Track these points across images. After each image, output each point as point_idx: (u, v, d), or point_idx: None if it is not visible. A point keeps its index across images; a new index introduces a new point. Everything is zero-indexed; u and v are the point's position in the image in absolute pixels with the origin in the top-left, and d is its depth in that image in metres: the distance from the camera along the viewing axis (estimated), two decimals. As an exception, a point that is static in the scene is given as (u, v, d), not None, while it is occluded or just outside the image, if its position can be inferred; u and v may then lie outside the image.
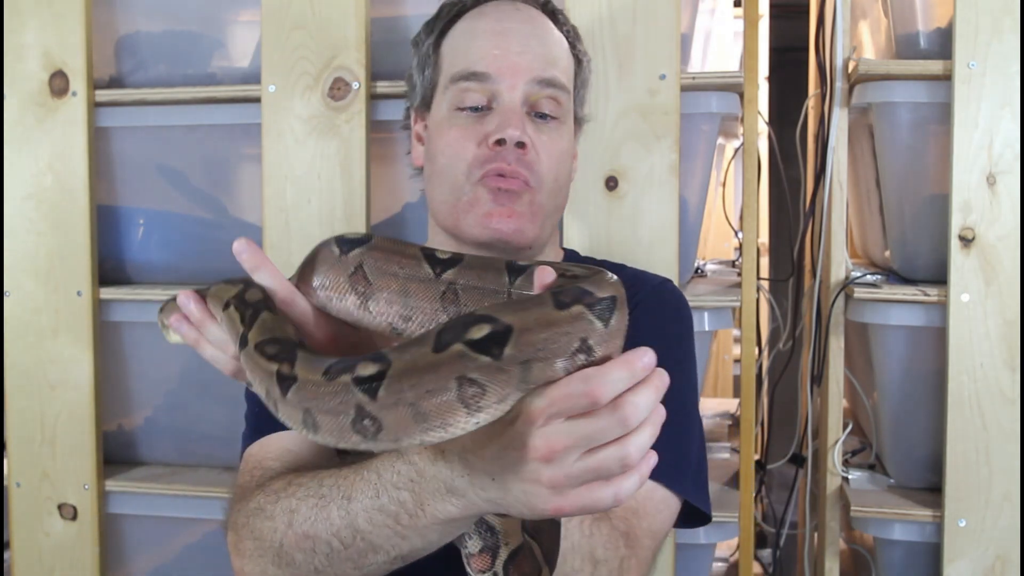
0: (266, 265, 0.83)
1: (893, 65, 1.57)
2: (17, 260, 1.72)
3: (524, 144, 1.07)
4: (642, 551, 0.96)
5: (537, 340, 0.65)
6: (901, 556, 1.67)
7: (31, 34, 1.68)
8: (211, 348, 0.85)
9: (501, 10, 1.13)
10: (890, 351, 1.65)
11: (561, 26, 1.16)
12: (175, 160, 1.77)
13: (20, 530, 1.75)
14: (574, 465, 0.67)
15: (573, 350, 0.66)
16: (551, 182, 1.10)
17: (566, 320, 0.66)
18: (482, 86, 1.09)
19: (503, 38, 1.10)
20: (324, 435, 0.68)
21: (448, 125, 1.11)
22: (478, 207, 1.08)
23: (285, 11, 1.59)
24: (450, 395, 0.64)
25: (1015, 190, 1.50)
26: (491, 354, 0.64)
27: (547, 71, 1.10)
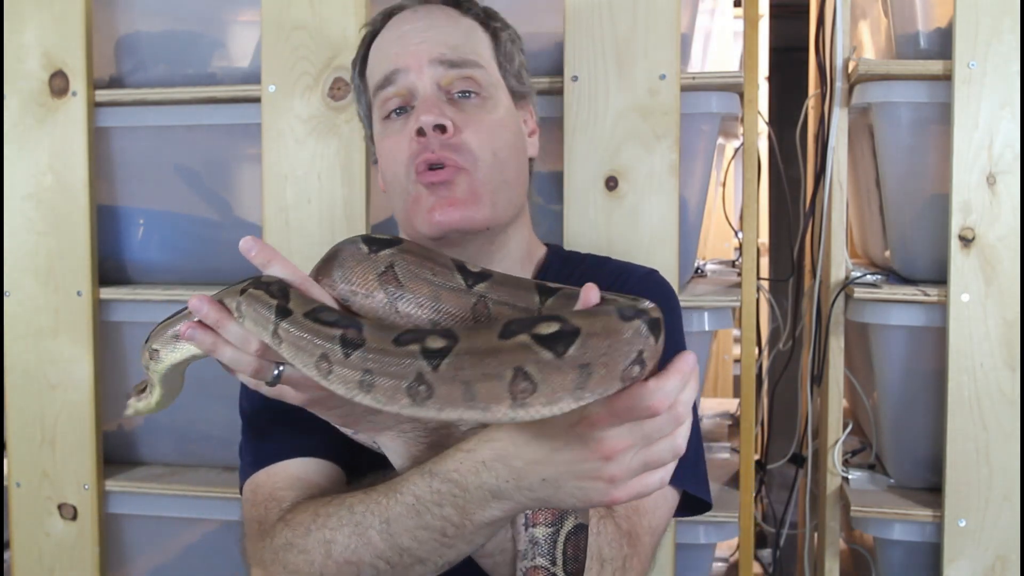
0: (277, 258, 0.83)
1: (893, 65, 1.57)
2: (17, 260, 1.72)
3: (444, 127, 1.06)
4: (643, 548, 0.97)
5: (601, 346, 0.69)
6: (901, 556, 1.67)
7: (31, 34, 1.68)
8: (230, 350, 0.83)
9: (401, 19, 1.14)
10: (890, 351, 1.65)
11: (467, 11, 1.16)
12: (175, 160, 1.77)
13: (20, 530, 1.75)
14: (633, 460, 0.74)
15: (630, 361, 0.70)
16: (488, 157, 1.08)
17: (629, 332, 0.70)
18: (395, 85, 1.09)
19: (401, 39, 1.11)
20: (376, 395, 0.72)
21: (383, 136, 1.12)
22: (421, 204, 1.08)
23: (285, 11, 1.59)
24: (502, 384, 0.68)
25: (1015, 190, 1.50)
26: (555, 351, 0.67)
27: (449, 53, 1.10)
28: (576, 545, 0.86)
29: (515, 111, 1.16)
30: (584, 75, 1.52)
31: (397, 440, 0.90)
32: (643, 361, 0.72)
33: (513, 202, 1.13)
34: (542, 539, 0.86)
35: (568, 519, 0.86)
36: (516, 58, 1.18)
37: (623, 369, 0.70)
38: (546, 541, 0.86)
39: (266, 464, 1.05)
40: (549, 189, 1.62)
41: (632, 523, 0.97)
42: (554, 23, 1.56)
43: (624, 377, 0.71)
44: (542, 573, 0.86)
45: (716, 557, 2.03)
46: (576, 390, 0.69)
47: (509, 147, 1.12)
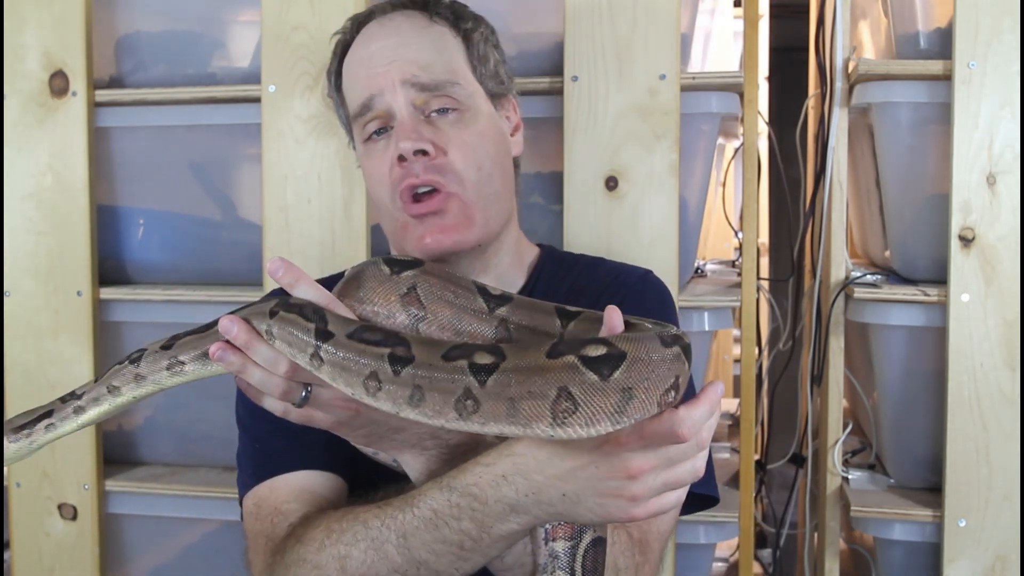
0: (304, 278, 0.84)
1: (893, 65, 1.57)
2: (17, 260, 1.71)
3: (425, 151, 1.05)
4: (653, 555, 0.98)
5: (644, 371, 0.71)
6: (901, 556, 1.67)
7: (31, 34, 1.68)
8: (259, 371, 0.83)
9: (369, 35, 1.11)
10: (890, 351, 1.65)
11: (435, 15, 1.13)
12: (175, 160, 1.77)
13: (20, 530, 1.75)
14: (655, 480, 0.76)
15: (668, 386, 0.73)
16: (474, 173, 1.07)
17: (670, 358, 0.73)
18: (372, 112, 1.08)
19: (370, 60, 1.09)
20: (424, 409, 0.74)
21: (366, 158, 1.11)
22: (410, 231, 1.07)
23: (285, 11, 1.59)
24: (545, 403, 0.70)
25: (1015, 190, 1.50)
26: (600, 374, 0.70)
27: (420, 75, 1.07)
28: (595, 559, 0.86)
29: (495, 114, 1.14)
30: (584, 75, 1.52)
31: (419, 458, 0.90)
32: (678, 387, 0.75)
33: (503, 211, 1.12)
34: (562, 553, 0.86)
35: (587, 533, 0.87)
36: (491, 57, 1.15)
37: (661, 394, 0.72)
38: (565, 555, 0.86)
39: (268, 476, 1.04)
40: (549, 189, 1.62)
41: (643, 531, 0.97)
42: (554, 23, 1.56)
43: (661, 402, 0.73)
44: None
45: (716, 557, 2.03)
46: (615, 413, 0.71)
47: (493, 157, 1.10)
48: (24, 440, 0.93)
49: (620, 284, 1.15)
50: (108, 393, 0.96)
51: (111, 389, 0.95)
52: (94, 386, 0.97)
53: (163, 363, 0.93)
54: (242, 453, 1.10)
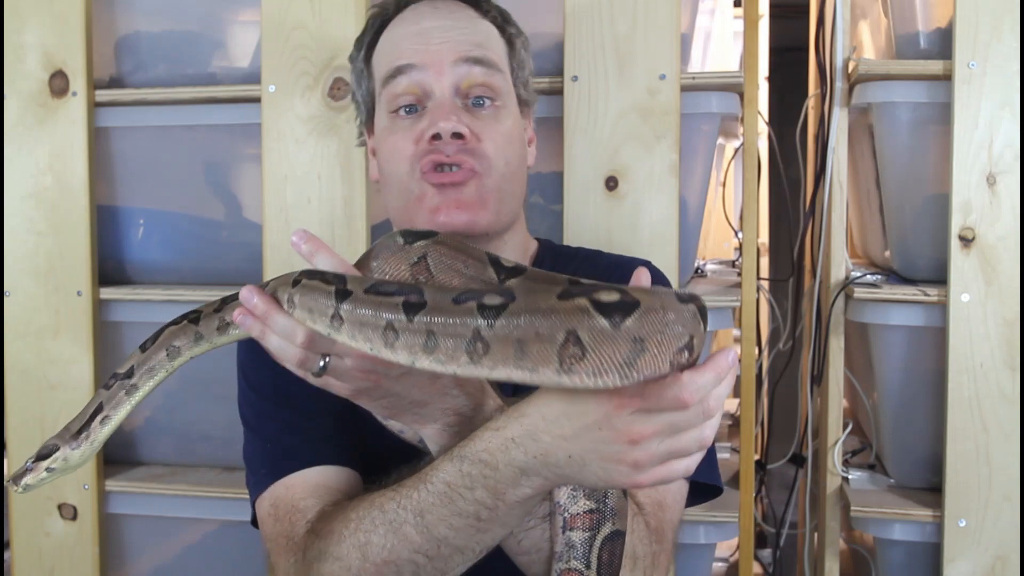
0: (323, 248, 0.84)
1: (893, 65, 1.57)
2: (17, 260, 1.71)
3: (462, 135, 1.05)
4: (667, 544, 0.98)
5: (658, 322, 0.68)
6: (901, 556, 1.67)
7: (31, 34, 1.68)
8: (276, 339, 0.84)
9: (419, 12, 1.11)
10: (890, 351, 1.65)
11: (486, 13, 1.14)
12: (175, 160, 1.77)
13: (20, 530, 1.75)
14: (659, 447, 0.74)
15: (682, 345, 0.70)
16: (502, 166, 1.08)
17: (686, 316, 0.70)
18: (409, 79, 1.07)
19: (423, 35, 1.09)
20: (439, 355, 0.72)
21: (389, 132, 1.10)
22: (425, 202, 1.06)
23: (285, 11, 1.59)
24: (553, 347, 0.67)
25: (1015, 190, 1.50)
26: (612, 320, 0.67)
27: (473, 50, 1.08)
28: (611, 551, 0.86)
29: (520, 120, 1.15)
30: (584, 75, 1.52)
31: (443, 435, 0.89)
32: (692, 347, 0.72)
33: (514, 211, 1.13)
34: (578, 543, 0.86)
35: (605, 524, 0.86)
36: (527, 66, 1.18)
37: (675, 352, 0.70)
38: (582, 545, 0.86)
39: (282, 475, 1.03)
40: (549, 189, 1.62)
41: (659, 519, 0.97)
42: (554, 23, 1.56)
43: (674, 361, 0.70)
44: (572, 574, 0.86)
45: (716, 557, 2.03)
46: (624, 366, 0.68)
47: (518, 158, 1.12)
48: (86, 444, 0.93)
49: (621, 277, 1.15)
50: (167, 358, 0.98)
51: (170, 352, 0.98)
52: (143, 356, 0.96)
53: (214, 324, 0.95)
54: (252, 454, 1.10)
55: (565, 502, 0.86)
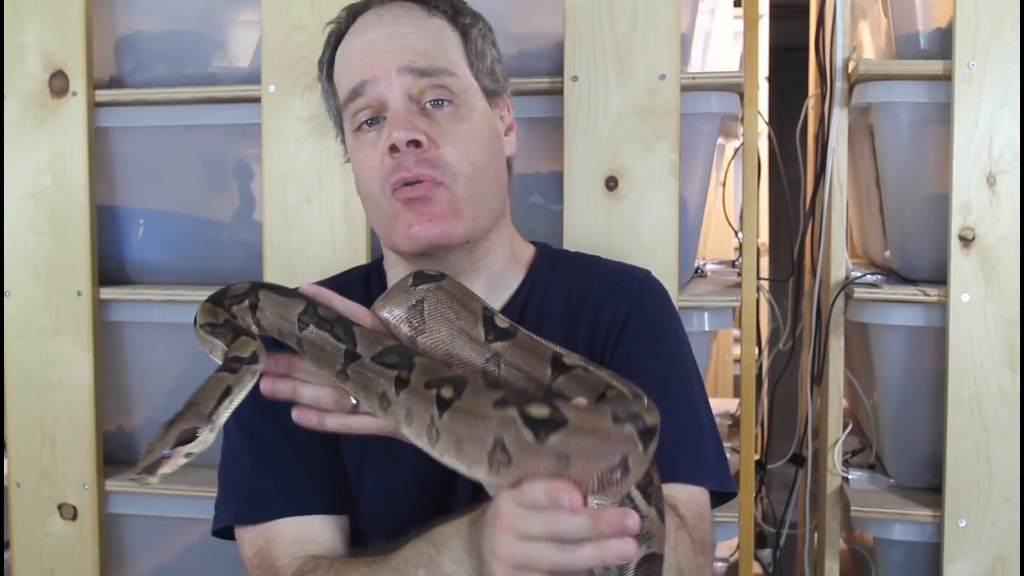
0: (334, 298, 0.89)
1: (893, 65, 1.57)
2: (17, 260, 1.71)
3: (418, 142, 1.03)
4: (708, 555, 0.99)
5: (586, 443, 0.71)
6: (901, 556, 1.67)
7: (31, 34, 1.68)
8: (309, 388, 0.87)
9: (366, 23, 1.10)
10: (890, 351, 1.65)
11: (433, 8, 1.11)
12: (175, 160, 1.77)
13: (20, 530, 1.75)
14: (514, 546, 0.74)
15: (613, 465, 0.72)
16: (466, 168, 1.06)
17: (617, 436, 0.72)
18: (364, 98, 1.06)
19: (367, 47, 1.07)
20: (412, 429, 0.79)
21: (356, 149, 1.09)
22: (399, 220, 1.05)
23: (285, 11, 1.59)
24: (484, 449, 0.73)
25: (1015, 190, 1.50)
26: (536, 434, 0.71)
27: (418, 61, 1.05)
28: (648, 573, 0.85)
29: (490, 112, 1.12)
30: (584, 75, 1.52)
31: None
32: (627, 467, 0.73)
33: (493, 210, 1.10)
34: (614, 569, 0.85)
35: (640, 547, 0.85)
36: (488, 54, 1.14)
37: (604, 471, 0.72)
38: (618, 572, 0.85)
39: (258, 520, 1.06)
40: (549, 189, 1.62)
41: (701, 531, 0.98)
42: (554, 23, 1.56)
43: (604, 481, 0.72)
44: None
45: (716, 557, 2.03)
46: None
47: (486, 154, 1.09)
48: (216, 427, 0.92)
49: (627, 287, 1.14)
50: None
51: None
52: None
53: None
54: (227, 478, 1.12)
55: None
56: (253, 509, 1.06)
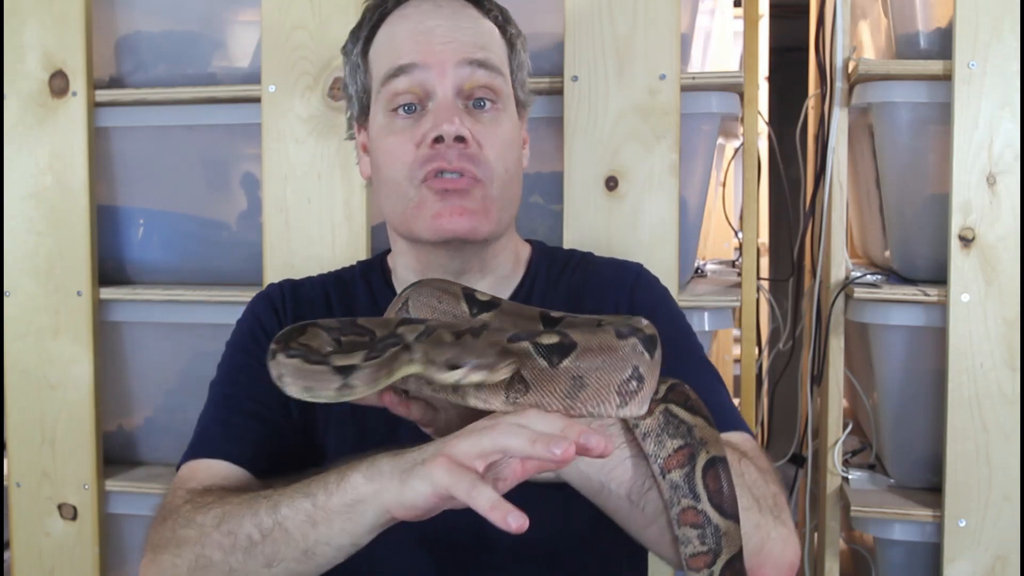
0: None
1: (893, 65, 1.57)
2: (17, 260, 1.71)
3: (464, 138, 1.03)
4: (781, 487, 0.96)
5: (596, 361, 0.78)
6: (901, 556, 1.67)
7: (31, 34, 1.68)
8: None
9: (422, 10, 1.08)
10: (890, 351, 1.65)
11: (488, 12, 1.12)
12: (175, 160, 1.77)
13: (20, 530, 1.75)
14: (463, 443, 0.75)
15: (627, 376, 0.79)
16: (501, 172, 1.07)
17: (624, 348, 0.79)
18: (410, 79, 1.05)
19: (426, 34, 1.06)
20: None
21: (386, 132, 1.08)
22: (425, 208, 1.05)
23: (285, 11, 1.59)
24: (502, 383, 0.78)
25: (1015, 190, 1.50)
26: (550, 360, 0.77)
27: (476, 53, 1.06)
28: (716, 477, 0.85)
29: (518, 123, 1.14)
30: (584, 75, 1.52)
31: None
32: (640, 376, 0.79)
33: (511, 216, 1.12)
34: (681, 481, 0.85)
35: (700, 454, 0.85)
36: (525, 67, 1.16)
37: (620, 384, 0.78)
38: (685, 482, 0.85)
39: (199, 456, 1.06)
40: (549, 189, 1.62)
41: (765, 462, 0.96)
42: (554, 23, 1.56)
43: (621, 391, 0.78)
44: (691, 514, 0.85)
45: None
46: (566, 399, 0.78)
47: (516, 161, 1.11)
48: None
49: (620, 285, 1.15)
50: None
51: None
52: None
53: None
54: (204, 413, 1.12)
55: (654, 450, 0.86)
56: (194, 449, 1.08)
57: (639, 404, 0.82)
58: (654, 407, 0.87)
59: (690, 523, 0.85)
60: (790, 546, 0.90)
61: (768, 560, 0.89)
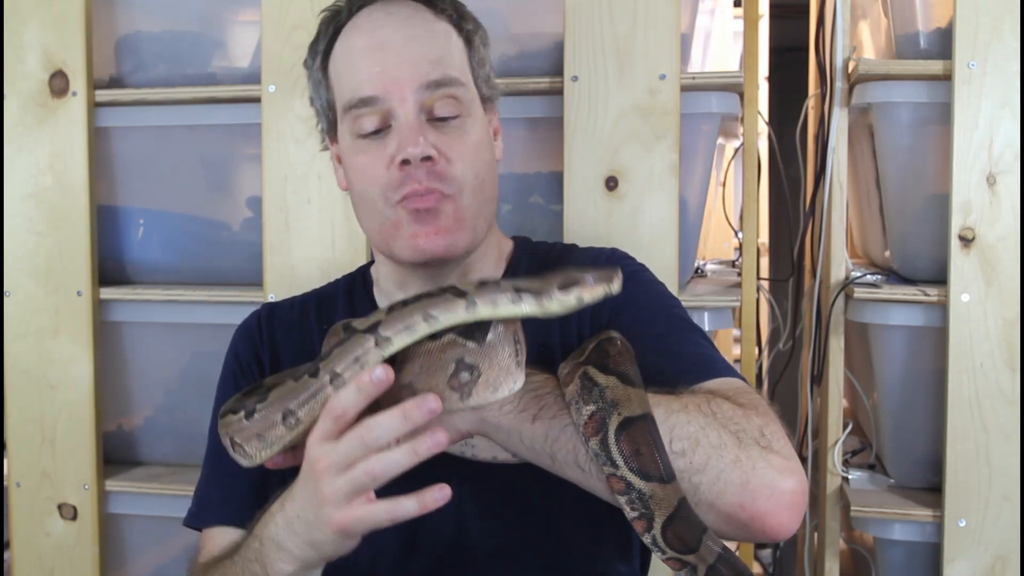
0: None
1: (893, 65, 1.57)
2: (17, 260, 1.71)
3: (430, 157, 1.03)
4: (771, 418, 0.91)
5: (415, 367, 0.82)
6: (901, 556, 1.67)
7: (31, 34, 1.68)
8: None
9: (373, 20, 1.07)
10: (890, 351, 1.65)
11: (441, 12, 1.10)
12: (175, 160, 1.77)
13: (20, 530, 1.75)
14: (338, 480, 0.81)
15: (451, 372, 0.82)
16: (471, 181, 1.06)
17: (435, 349, 0.83)
18: (373, 109, 1.04)
19: (380, 53, 1.04)
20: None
21: (354, 152, 1.07)
22: (402, 229, 1.05)
23: (285, 11, 1.59)
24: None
25: (1015, 190, 1.50)
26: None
27: (432, 72, 1.04)
28: (631, 440, 0.82)
29: (485, 120, 1.12)
30: (584, 75, 1.52)
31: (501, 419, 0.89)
32: (470, 365, 0.82)
33: (489, 218, 1.11)
34: (598, 448, 0.83)
35: (611, 418, 0.83)
36: (487, 61, 1.13)
37: (448, 380, 0.82)
38: (601, 449, 0.83)
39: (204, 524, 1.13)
40: (549, 189, 1.62)
41: (750, 399, 0.92)
42: (554, 23, 1.56)
43: (454, 385, 0.82)
44: (615, 481, 0.83)
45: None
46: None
47: (486, 165, 1.09)
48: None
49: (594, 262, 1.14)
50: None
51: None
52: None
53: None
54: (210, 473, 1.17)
55: (576, 418, 0.85)
56: (198, 515, 1.14)
57: (489, 389, 0.84)
58: (575, 371, 0.86)
59: (617, 490, 0.83)
60: (785, 473, 0.85)
61: (759, 492, 0.84)
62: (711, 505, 0.85)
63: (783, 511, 0.85)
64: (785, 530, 0.86)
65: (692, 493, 0.84)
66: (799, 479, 0.86)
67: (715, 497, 0.84)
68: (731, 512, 0.85)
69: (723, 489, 0.84)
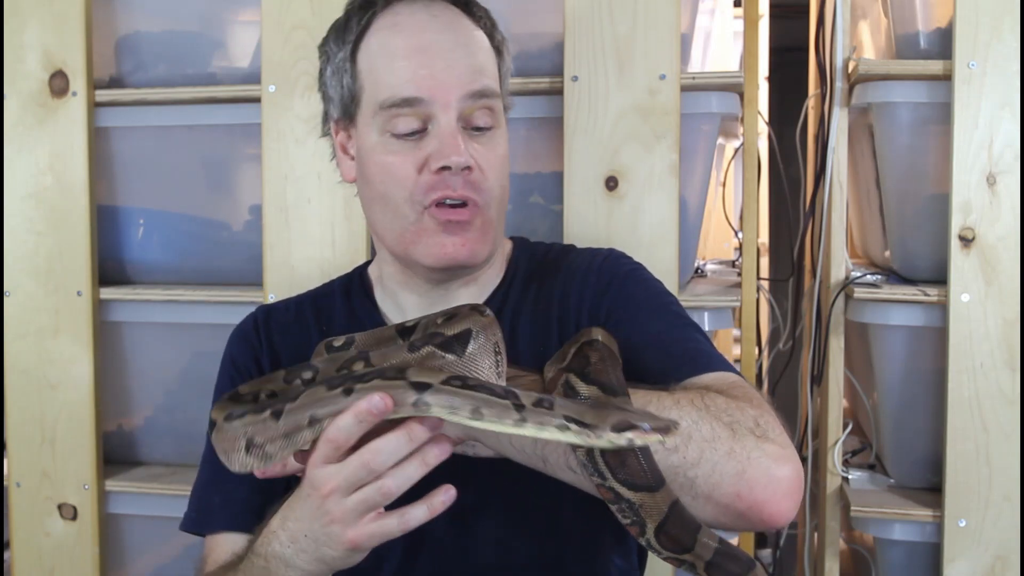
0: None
1: (893, 65, 1.57)
2: (17, 260, 1.71)
3: (469, 167, 1.03)
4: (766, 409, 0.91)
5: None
6: (901, 556, 1.67)
7: (31, 34, 1.68)
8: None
9: (417, 20, 1.05)
10: (890, 351, 1.65)
11: (477, 19, 1.09)
12: (175, 160, 1.77)
13: (20, 530, 1.75)
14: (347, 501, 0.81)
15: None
16: (498, 192, 1.07)
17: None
18: (414, 110, 1.02)
19: (426, 56, 1.03)
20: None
21: (382, 151, 1.05)
22: (427, 236, 1.04)
23: (285, 11, 1.59)
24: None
25: (1015, 190, 1.50)
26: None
27: (477, 82, 1.04)
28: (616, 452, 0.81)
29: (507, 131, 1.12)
30: (584, 75, 1.52)
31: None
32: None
33: (503, 226, 1.12)
34: (584, 459, 0.83)
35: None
36: (510, 71, 1.14)
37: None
38: (588, 460, 0.83)
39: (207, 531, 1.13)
40: (549, 189, 1.62)
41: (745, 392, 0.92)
42: (554, 23, 1.56)
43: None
44: (604, 491, 0.83)
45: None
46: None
47: (507, 176, 1.11)
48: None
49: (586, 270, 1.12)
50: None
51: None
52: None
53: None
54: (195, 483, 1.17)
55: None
56: (199, 520, 1.13)
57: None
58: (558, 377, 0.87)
59: (607, 499, 0.84)
60: (781, 460, 0.85)
61: (756, 481, 0.84)
62: (708, 497, 0.85)
63: (780, 498, 0.85)
64: (783, 517, 0.86)
65: (689, 487, 0.85)
66: (795, 466, 0.86)
67: (712, 489, 0.85)
68: (729, 503, 0.85)
69: (719, 481, 0.84)
